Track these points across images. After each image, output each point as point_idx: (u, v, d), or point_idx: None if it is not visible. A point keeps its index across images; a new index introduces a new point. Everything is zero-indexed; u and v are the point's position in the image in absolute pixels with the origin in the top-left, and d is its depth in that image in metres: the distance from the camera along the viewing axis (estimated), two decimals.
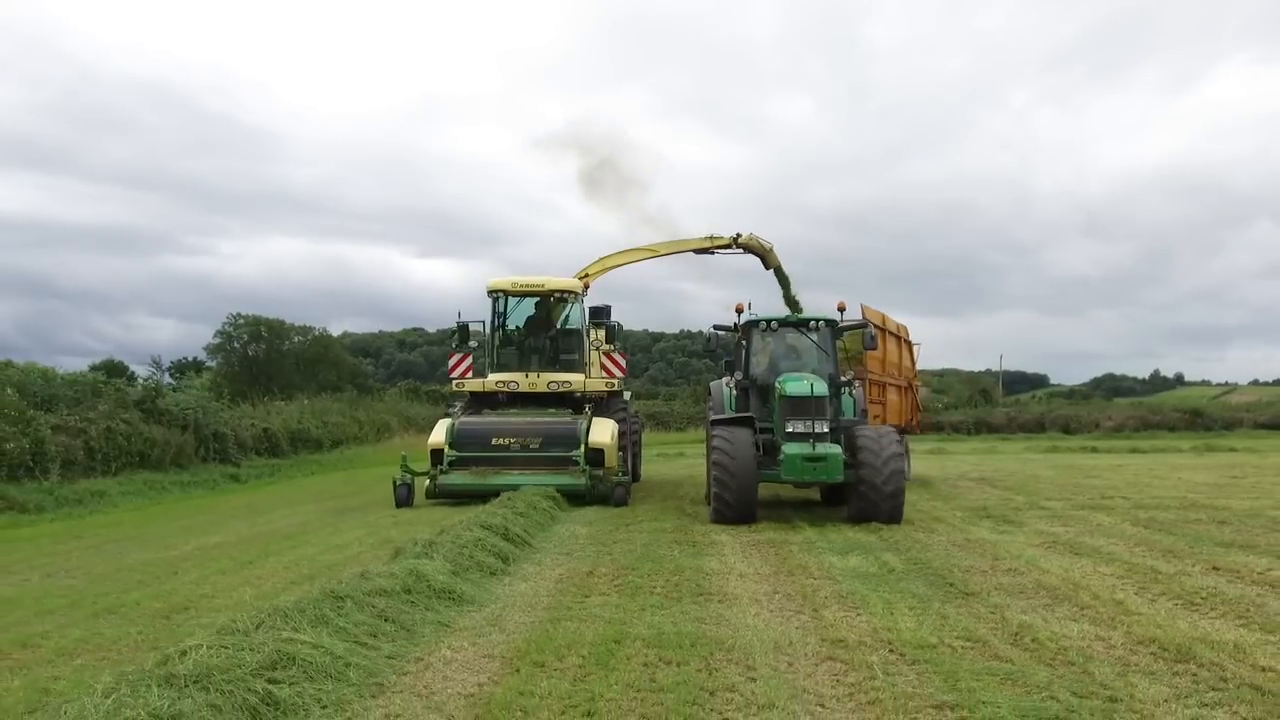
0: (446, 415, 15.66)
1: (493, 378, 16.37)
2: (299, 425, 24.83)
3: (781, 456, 11.73)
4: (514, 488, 13.15)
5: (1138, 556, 9.35)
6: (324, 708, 4.65)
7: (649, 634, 6.24)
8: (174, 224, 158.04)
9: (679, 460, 26.20)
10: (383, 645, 5.78)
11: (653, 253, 19.16)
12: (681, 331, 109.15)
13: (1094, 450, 31.54)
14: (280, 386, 43.34)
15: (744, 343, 13.58)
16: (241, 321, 57.74)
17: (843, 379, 13.34)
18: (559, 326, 17.09)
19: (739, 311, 13.61)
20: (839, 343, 13.76)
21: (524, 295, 16.82)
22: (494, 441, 14.57)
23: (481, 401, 16.23)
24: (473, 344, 16.70)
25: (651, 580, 8.20)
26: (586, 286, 17.90)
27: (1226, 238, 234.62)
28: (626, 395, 18.05)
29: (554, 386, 16.05)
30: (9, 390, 15.27)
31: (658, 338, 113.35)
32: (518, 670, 5.42)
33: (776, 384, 12.42)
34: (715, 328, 13.83)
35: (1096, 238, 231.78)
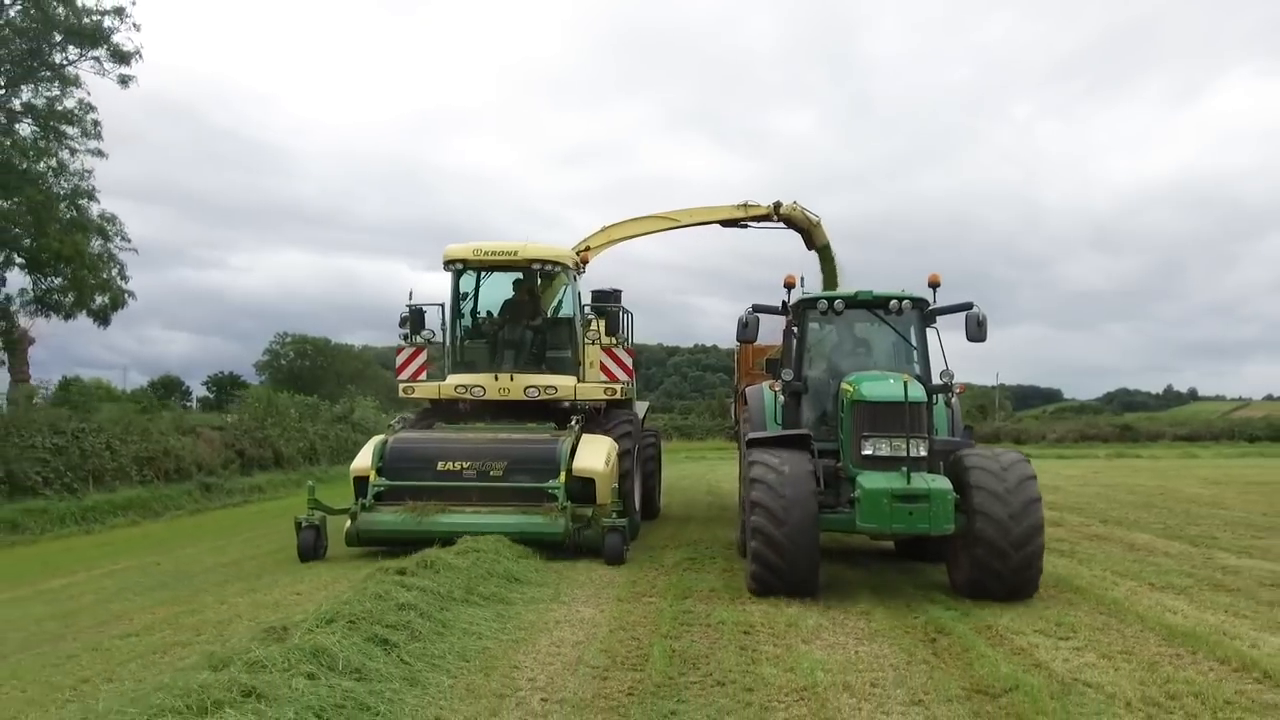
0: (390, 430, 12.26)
1: (452, 380, 12.97)
2: None
3: (856, 493, 8.52)
4: (463, 532, 10.16)
5: None
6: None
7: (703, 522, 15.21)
8: (183, 237, 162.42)
9: (702, 462, 33.83)
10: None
11: (673, 222, 16.03)
12: (696, 345, 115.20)
13: (1028, 457, 39.87)
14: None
15: (795, 330, 10.28)
16: (289, 340, 64.02)
17: (939, 381, 9.64)
18: (546, 313, 13.78)
19: (789, 287, 10.23)
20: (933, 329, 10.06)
21: (493, 269, 13.20)
22: (439, 466, 11.22)
23: (440, 412, 13.13)
24: (429, 334, 13.26)
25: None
26: (585, 262, 14.65)
27: (1238, 251, 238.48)
28: (640, 407, 15.20)
29: (533, 393, 12.66)
30: (292, 411, 24.41)
31: (672, 351, 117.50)
32: (645, 533, 14.20)
33: (846, 385, 9.28)
34: (755, 309, 10.32)
35: (1106, 251, 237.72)
